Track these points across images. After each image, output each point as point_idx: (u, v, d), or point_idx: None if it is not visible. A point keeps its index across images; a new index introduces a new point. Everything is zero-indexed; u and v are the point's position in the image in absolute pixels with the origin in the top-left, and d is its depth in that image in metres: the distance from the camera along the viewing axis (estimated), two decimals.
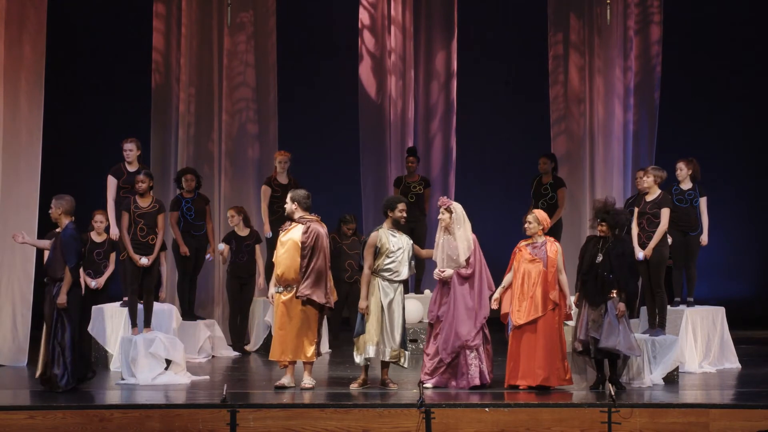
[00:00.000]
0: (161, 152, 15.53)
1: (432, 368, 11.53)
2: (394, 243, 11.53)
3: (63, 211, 11.59)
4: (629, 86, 15.93)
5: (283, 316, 11.48)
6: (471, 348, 11.42)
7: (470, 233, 11.60)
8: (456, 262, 11.53)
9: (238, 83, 15.72)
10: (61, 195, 11.74)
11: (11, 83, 13.50)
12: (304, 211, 11.58)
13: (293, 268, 11.45)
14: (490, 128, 17.72)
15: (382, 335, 11.48)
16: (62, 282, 11.43)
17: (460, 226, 11.54)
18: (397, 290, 11.56)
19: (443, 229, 11.60)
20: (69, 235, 11.51)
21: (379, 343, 11.47)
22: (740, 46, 17.56)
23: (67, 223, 11.59)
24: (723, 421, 10.39)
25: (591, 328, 11.31)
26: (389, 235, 11.56)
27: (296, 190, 11.72)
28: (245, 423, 10.29)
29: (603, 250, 11.42)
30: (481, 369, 11.45)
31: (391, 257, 11.51)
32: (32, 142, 13.60)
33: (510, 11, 17.57)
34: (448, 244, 11.57)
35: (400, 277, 11.56)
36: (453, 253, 11.54)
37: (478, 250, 11.61)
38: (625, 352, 11.30)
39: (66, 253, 11.43)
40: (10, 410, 10.45)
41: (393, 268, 11.53)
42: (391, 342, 11.46)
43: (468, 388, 11.36)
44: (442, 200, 11.66)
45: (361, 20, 16.27)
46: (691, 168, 13.12)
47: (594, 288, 11.37)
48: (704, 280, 14.79)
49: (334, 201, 15.79)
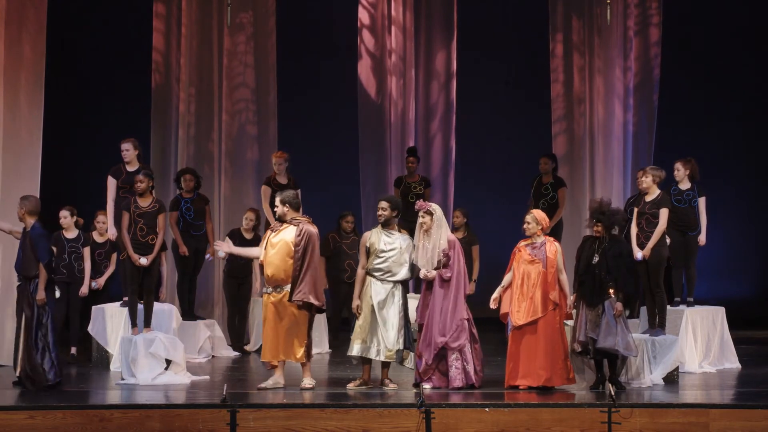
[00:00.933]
0: (161, 152, 15.52)
1: (423, 370, 11.53)
2: (387, 243, 11.51)
3: (26, 210, 11.67)
4: (629, 86, 15.93)
5: (273, 316, 11.47)
6: (452, 349, 11.41)
7: (448, 234, 11.57)
8: (431, 263, 11.51)
9: (238, 83, 15.72)
10: (27, 195, 11.89)
11: (11, 83, 13.51)
12: (295, 212, 11.57)
13: (283, 269, 11.43)
14: (490, 128, 17.72)
15: (370, 335, 11.47)
16: (38, 279, 11.48)
17: (439, 227, 11.53)
18: (390, 291, 11.52)
19: (423, 233, 11.56)
20: (37, 233, 11.59)
21: (366, 342, 11.46)
22: (740, 46, 17.56)
23: (33, 222, 11.65)
24: (723, 421, 10.38)
25: (589, 329, 11.31)
26: (382, 234, 11.55)
27: (284, 192, 11.68)
28: (245, 423, 10.28)
29: (599, 251, 11.42)
30: (466, 370, 11.42)
31: (381, 257, 11.50)
32: (32, 141, 13.60)
33: (510, 11, 17.57)
34: (426, 247, 11.54)
35: (394, 278, 11.52)
36: (429, 255, 11.53)
37: (459, 253, 11.58)
38: (622, 352, 11.30)
39: (37, 250, 11.51)
40: (10, 410, 10.45)
41: (384, 268, 11.51)
42: (384, 342, 11.45)
43: (450, 389, 11.35)
44: (420, 204, 11.62)
45: (361, 20, 16.27)
46: (688, 168, 13.12)
47: (591, 288, 11.37)
48: (704, 280, 14.78)
49: (334, 201, 15.79)
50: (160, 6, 15.64)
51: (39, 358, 11.44)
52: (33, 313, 11.50)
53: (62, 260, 13.27)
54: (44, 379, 11.42)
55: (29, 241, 11.60)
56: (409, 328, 11.59)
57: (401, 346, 11.53)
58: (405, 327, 11.53)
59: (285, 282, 11.43)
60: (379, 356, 11.46)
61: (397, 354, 11.60)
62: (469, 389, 11.34)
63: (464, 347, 11.44)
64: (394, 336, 11.47)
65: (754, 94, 17.58)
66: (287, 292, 11.42)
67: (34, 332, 11.49)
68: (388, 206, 11.59)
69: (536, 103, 16.71)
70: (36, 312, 11.50)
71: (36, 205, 11.75)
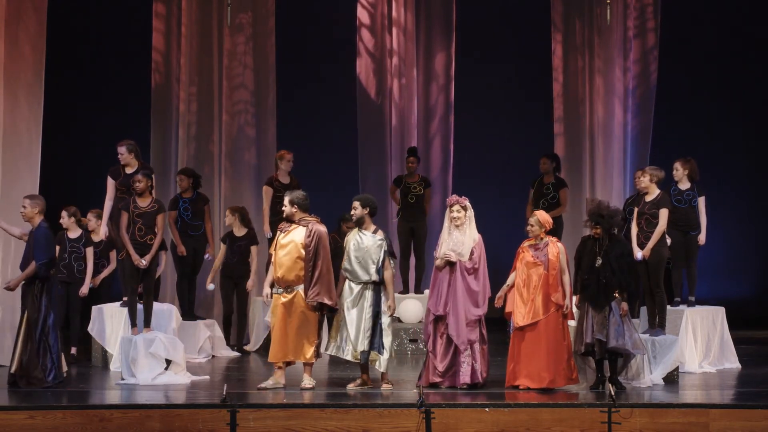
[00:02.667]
0: (161, 152, 15.53)
1: (444, 368, 11.48)
2: (356, 244, 11.51)
3: (40, 209, 11.69)
4: (629, 87, 15.93)
5: (283, 317, 11.47)
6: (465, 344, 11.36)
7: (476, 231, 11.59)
8: (460, 256, 11.50)
9: (238, 84, 15.73)
10: (34, 194, 11.93)
11: (11, 83, 13.50)
12: (303, 213, 11.56)
13: (294, 270, 11.44)
14: (489, 128, 17.72)
15: (341, 335, 11.49)
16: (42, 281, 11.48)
17: (471, 223, 11.54)
18: (361, 292, 11.47)
19: (454, 228, 11.55)
20: (41, 232, 11.59)
21: (337, 341, 11.49)
22: (740, 46, 17.55)
23: (39, 221, 11.67)
24: (723, 421, 10.38)
25: (596, 331, 11.29)
26: (356, 235, 11.56)
27: (293, 192, 11.66)
28: (245, 423, 10.28)
29: (601, 253, 11.41)
30: (474, 368, 11.41)
31: (348, 258, 11.51)
32: (32, 141, 13.59)
33: (510, 11, 17.56)
34: (456, 240, 11.52)
35: (359, 279, 11.48)
36: (458, 248, 11.50)
37: (482, 248, 11.57)
38: (632, 351, 11.33)
39: (35, 248, 11.52)
40: (10, 410, 10.44)
41: (349, 269, 11.52)
42: (350, 343, 11.44)
43: (458, 387, 11.34)
44: (453, 198, 11.60)
45: (361, 20, 16.27)
46: (687, 168, 13.11)
47: (596, 291, 11.34)
48: (704, 280, 14.78)
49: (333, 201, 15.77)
50: (160, 6, 15.65)
51: (39, 359, 11.44)
52: (39, 314, 11.49)
53: (62, 260, 13.28)
54: (41, 380, 11.41)
55: (32, 240, 11.61)
56: (380, 331, 11.44)
57: (365, 348, 11.42)
58: (373, 329, 11.43)
59: (296, 283, 11.44)
60: (347, 356, 11.45)
61: (361, 355, 11.44)
62: (473, 388, 11.33)
63: (475, 342, 11.41)
64: (357, 337, 11.42)
65: (754, 94, 17.57)
66: (298, 292, 11.43)
67: (38, 333, 11.48)
68: (359, 205, 11.57)
69: (536, 103, 16.71)
70: (43, 312, 11.49)
71: (44, 204, 11.79)
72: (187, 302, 14.10)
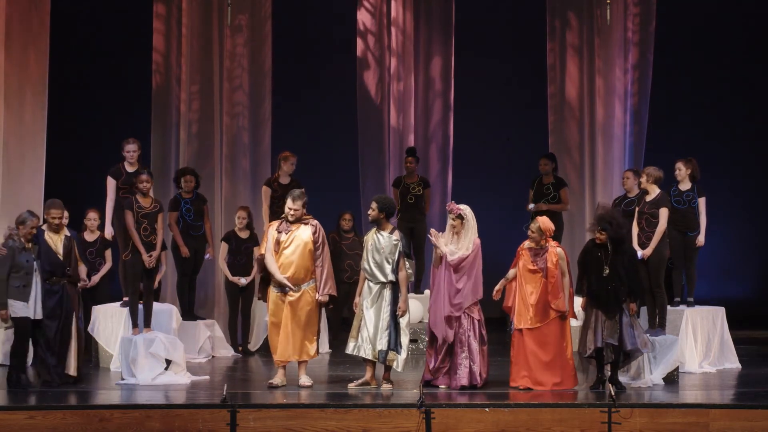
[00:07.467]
0: (161, 152, 15.53)
1: (435, 368, 11.52)
2: (374, 244, 11.53)
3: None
4: (628, 87, 15.94)
5: (289, 316, 11.51)
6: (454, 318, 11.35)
7: (474, 238, 11.56)
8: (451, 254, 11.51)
9: (237, 86, 15.72)
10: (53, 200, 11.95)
11: (14, 84, 13.54)
12: (304, 211, 11.64)
13: (304, 268, 11.53)
14: (489, 128, 17.73)
15: (360, 334, 11.50)
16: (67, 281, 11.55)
17: (468, 231, 11.53)
18: (380, 291, 11.50)
19: (453, 234, 11.56)
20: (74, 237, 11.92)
21: (357, 340, 11.50)
22: (740, 46, 17.57)
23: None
24: (723, 421, 10.39)
25: (606, 335, 11.28)
26: (375, 236, 11.58)
27: (297, 192, 11.69)
28: (245, 423, 10.29)
29: (607, 262, 11.37)
30: (472, 369, 11.41)
31: (367, 258, 11.53)
32: (36, 143, 13.63)
33: (509, 11, 17.57)
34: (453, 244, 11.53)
35: (377, 280, 11.51)
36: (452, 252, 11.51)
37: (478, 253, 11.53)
38: (642, 350, 11.37)
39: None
40: (10, 410, 10.45)
41: (367, 269, 11.54)
42: (368, 342, 11.46)
43: (456, 388, 11.34)
44: (451, 206, 11.62)
45: (360, 21, 16.27)
46: (689, 168, 13.11)
47: (607, 300, 11.31)
48: (704, 280, 14.79)
49: (333, 201, 15.79)
50: (160, 6, 15.64)
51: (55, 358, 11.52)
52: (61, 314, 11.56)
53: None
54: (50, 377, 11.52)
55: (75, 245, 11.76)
56: (398, 331, 11.51)
57: (383, 347, 11.44)
58: (391, 328, 11.47)
59: (304, 281, 11.54)
60: (367, 355, 11.46)
61: (379, 354, 11.47)
62: (471, 389, 11.33)
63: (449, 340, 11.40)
64: (376, 336, 11.43)
65: (754, 94, 17.58)
66: (305, 290, 11.53)
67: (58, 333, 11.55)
68: (376, 207, 11.59)
69: (535, 103, 16.71)
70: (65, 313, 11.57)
71: None
72: (187, 302, 14.10)
